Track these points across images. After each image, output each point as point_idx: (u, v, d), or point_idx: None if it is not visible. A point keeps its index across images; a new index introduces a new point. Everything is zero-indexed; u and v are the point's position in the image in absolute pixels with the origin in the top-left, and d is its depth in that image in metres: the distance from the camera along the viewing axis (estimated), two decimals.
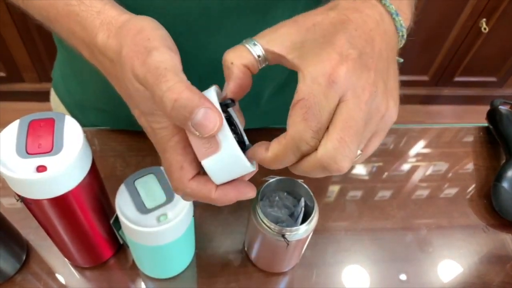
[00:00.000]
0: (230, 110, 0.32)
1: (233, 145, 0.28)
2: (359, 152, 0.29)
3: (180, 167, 0.29)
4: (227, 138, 0.27)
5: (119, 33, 0.29)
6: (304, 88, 0.27)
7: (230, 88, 0.30)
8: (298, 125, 0.27)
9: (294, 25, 0.30)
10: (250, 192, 0.31)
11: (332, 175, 0.29)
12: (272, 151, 0.28)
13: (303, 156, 0.28)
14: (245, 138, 0.32)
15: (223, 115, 0.27)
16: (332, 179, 0.61)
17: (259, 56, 0.30)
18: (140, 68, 0.27)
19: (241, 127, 0.32)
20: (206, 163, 0.28)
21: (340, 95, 0.27)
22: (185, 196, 0.32)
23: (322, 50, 0.27)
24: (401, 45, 0.35)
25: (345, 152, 0.27)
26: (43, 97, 0.78)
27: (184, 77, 0.27)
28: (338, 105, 0.27)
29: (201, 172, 0.31)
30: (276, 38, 0.30)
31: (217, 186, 0.30)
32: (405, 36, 0.35)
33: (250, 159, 0.30)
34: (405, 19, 0.34)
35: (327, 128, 0.27)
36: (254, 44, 0.30)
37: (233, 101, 0.30)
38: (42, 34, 1.46)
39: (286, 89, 0.58)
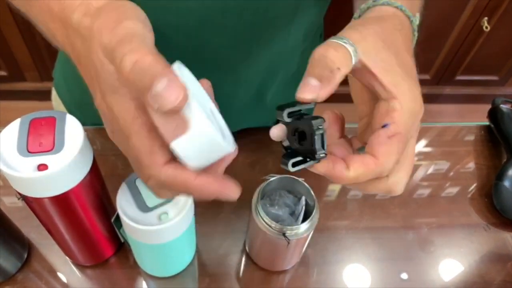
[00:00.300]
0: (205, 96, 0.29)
1: (203, 122, 0.24)
2: None
3: (149, 152, 0.26)
4: (196, 115, 0.24)
5: (96, 12, 0.27)
6: (402, 122, 0.30)
7: (324, 93, 0.28)
8: (392, 157, 0.29)
9: (378, 38, 0.31)
10: (233, 192, 0.27)
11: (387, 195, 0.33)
12: (356, 172, 0.29)
13: (374, 179, 0.31)
14: (219, 120, 0.30)
15: (188, 88, 0.24)
16: None
17: (354, 63, 0.30)
18: (107, 35, 0.25)
19: (214, 107, 0.30)
20: (175, 146, 0.25)
21: (413, 134, 0.32)
22: (158, 188, 0.28)
23: (412, 87, 0.31)
24: (413, 44, 0.37)
25: (407, 179, 0.32)
26: (45, 96, 0.78)
27: (153, 48, 0.25)
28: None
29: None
30: (369, 50, 0.30)
31: (198, 175, 0.26)
32: (416, 35, 0.38)
33: (318, 170, 0.30)
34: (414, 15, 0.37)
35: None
36: (355, 51, 0.29)
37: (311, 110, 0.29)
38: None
39: (292, 87, 0.58)
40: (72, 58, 0.31)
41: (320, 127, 0.28)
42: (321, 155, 0.29)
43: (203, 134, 0.25)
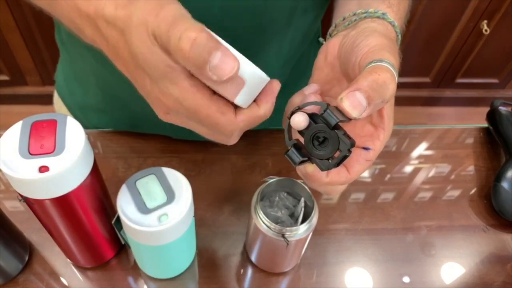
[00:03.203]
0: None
1: (257, 74, 0.29)
2: None
3: (221, 113, 0.29)
4: (246, 68, 0.28)
5: (128, 4, 0.28)
6: (379, 150, 0.34)
7: (367, 112, 0.29)
8: (359, 174, 0.34)
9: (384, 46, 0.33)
10: (275, 86, 0.31)
11: None
12: (331, 179, 0.33)
13: None
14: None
15: (238, 54, 0.27)
16: None
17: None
18: (154, 21, 0.26)
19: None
20: (238, 100, 0.29)
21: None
22: (240, 134, 0.32)
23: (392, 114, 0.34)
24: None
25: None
26: (46, 100, 0.79)
27: (202, 25, 0.27)
28: None
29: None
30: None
31: (257, 103, 0.31)
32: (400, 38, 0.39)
33: (310, 174, 0.34)
34: (400, 26, 0.39)
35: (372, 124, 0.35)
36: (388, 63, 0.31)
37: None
38: (45, 38, 1.47)
39: (286, 91, 0.59)
40: (105, 51, 0.32)
41: (350, 150, 0.30)
42: (340, 163, 0.31)
43: (256, 81, 0.29)
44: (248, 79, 0.28)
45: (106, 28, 0.30)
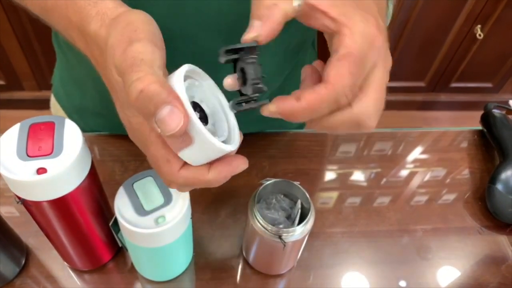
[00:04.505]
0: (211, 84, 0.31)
1: (205, 137, 0.27)
2: None
3: (166, 161, 0.29)
4: (198, 132, 0.27)
5: (111, 24, 0.29)
6: (352, 44, 0.27)
7: (265, 30, 0.28)
8: (344, 78, 0.27)
9: None
10: (242, 164, 0.30)
11: (356, 132, 0.30)
12: (307, 100, 0.27)
13: (336, 110, 0.28)
14: (229, 116, 0.31)
15: (191, 111, 0.26)
16: (329, 184, 0.62)
17: (298, 5, 0.29)
18: (119, 57, 0.27)
19: (220, 97, 0.32)
20: (182, 155, 0.28)
21: (376, 61, 0.29)
22: (180, 187, 0.31)
23: (364, 16, 0.29)
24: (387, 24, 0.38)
25: (378, 109, 0.29)
26: (43, 105, 0.79)
27: (160, 72, 0.27)
28: (371, 69, 0.29)
29: None
30: None
31: (209, 169, 0.29)
32: (387, 24, 0.38)
33: (272, 112, 0.29)
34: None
35: (360, 87, 0.28)
36: None
37: (253, 48, 0.28)
38: (41, 43, 1.47)
39: (283, 93, 0.59)
40: (92, 62, 0.33)
41: (250, 56, 0.28)
42: (257, 86, 0.28)
43: (206, 146, 0.27)
44: (197, 141, 0.27)
45: (91, 43, 0.31)
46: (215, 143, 0.27)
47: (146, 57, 0.27)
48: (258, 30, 0.28)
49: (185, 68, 0.28)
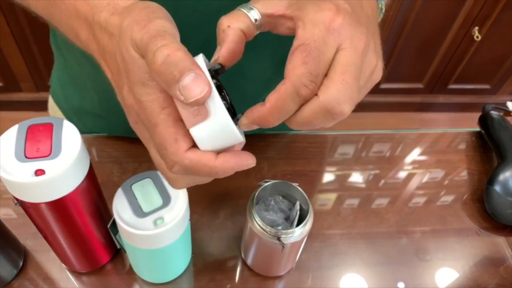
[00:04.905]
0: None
1: (223, 112, 0.27)
2: None
3: (174, 139, 0.28)
4: (217, 105, 0.27)
5: (123, 11, 0.29)
6: (304, 33, 0.27)
7: (223, 52, 0.29)
8: (297, 69, 0.27)
9: None
10: (250, 160, 0.30)
11: (334, 122, 0.29)
12: (270, 101, 0.28)
13: (303, 103, 0.28)
14: (235, 108, 0.31)
15: (212, 83, 0.27)
16: (327, 185, 0.62)
17: (256, 20, 0.30)
18: (139, 32, 0.27)
19: (229, 96, 0.31)
20: (194, 131, 0.28)
21: (339, 43, 0.27)
22: (182, 174, 0.30)
23: (317, 2, 0.28)
24: (380, 19, 0.36)
25: (348, 93, 0.27)
26: (40, 106, 0.79)
27: (182, 45, 0.27)
28: (336, 53, 0.27)
29: None
30: (272, 0, 0.30)
31: (216, 154, 0.28)
32: (383, 10, 0.36)
33: (246, 125, 0.29)
34: None
35: (326, 74, 0.27)
36: (251, 8, 0.30)
37: (223, 67, 0.29)
38: (39, 44, 1.47)
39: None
40: (95, 55, 0.32)
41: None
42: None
43: (221, 123, 0.27)
44: (213, 117, 0.27)
45: (99, 31, 0.31)
46: (230, 121, 0.27)
47: (169, 29, 0.27)
48: (218, 53, 0.29)
49: (201, 55, 0.29)
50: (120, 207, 0.39)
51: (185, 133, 0.28)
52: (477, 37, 1.57)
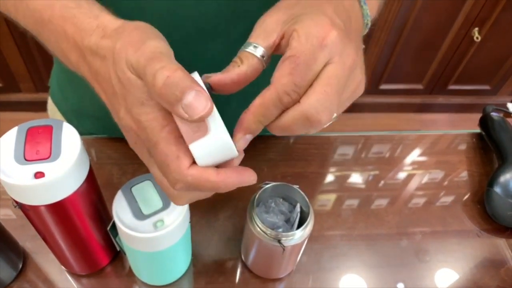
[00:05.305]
0: None
1: (222, 129, 0.28)
2: (334, 115, 0.30)
3: (176, 157, 0.28)
4: (216, 122, 0.27)
5: (114, 34, 0.30)
6: (297, 45, 0.29)
7: (215, 79, 0.30)
8: (283, 78, 0.28)
9: (279, 11, 0.33)
10: (252, 177, 0.30)
11: (312, 130, 0.30)
12: (254, 105, 0.29)
13: (284, 110, 0.29)
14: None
15: (206, 90, 0.27)
16: (328, 187, 0.62)
17: (263, 56, 0.31)
18: (134, 54, 0.27)
19: None
20: (193, 147, 0.28)
21: (328, 58, 0.29)
22: (183, 192, 0.31)
23: (314, 15, 0.30)
24: (364, 33, 0.37)
25: (327, 104, 0.29)
26: (40, 107, 0.79)
27: (179, 64, 0.27)
28: (324, 66, 0.29)
29: None
30: (269, 29, 0.32)
31: (217, 171, 0.29)
32: (369, 25, 0.37)
33: (239, 138, 0.30)
34: (371, 9, 0.37)
35: (311, 84, 0.29)
36: (255, 47, 0.31)
37: (211, 88, 0.30)
38: (39, 45, 1.45)
39: None
40: (87, 77, 0.33)
41: None
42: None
43: (220, 139, 0.28)
44: (212, 133, 0.28)
45: (90, 56, 0.31)
46: (228, 138, 0.28)
47: (164, 50, 0.27)
48: (214, 76, 0.30)
49: (195, 72, 0.29)
50: (120, 210, 0.39)
51: (186, 149, 0.29)
52: (477, 38, 1.57)
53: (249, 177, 0.30)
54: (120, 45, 0.28)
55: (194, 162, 0.29)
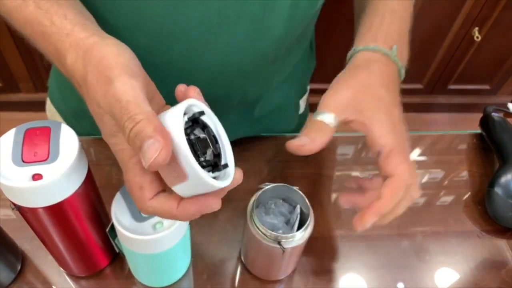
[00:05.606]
0: (215, 119, 0.31)
1: (199, 174, 0.27)
2: None
3: (139, 188, 0.30)
4: (191, 166, 0.27)
5: (84, 57, 0.31)
6: (389, 140, 0.39)
7: (313, 147, 0.39)
8: (403, 165, 0.39)
9: (348, 90, 0.41)
10: (213, 204, 0.30)
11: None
12: (389, 192, 0.39)
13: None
14: (226, 147, 0.32)
15: (184, 141, 0.27)
16: (328, 187, 0.62)
17: (335, 126, 0.39)
18: (103, 99, 0.29)
19: (223, 135, 0.32)
20: (176, 189, 0.29)
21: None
22: (148, 214, 0.32)
23: (383, 111, 0.41)
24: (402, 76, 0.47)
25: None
26: (39, 107, 0.78)
27: (146, 106, 0.28)
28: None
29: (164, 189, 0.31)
30: (343, 107, 0.40)
31: (179, 203, 0.30)
32: (403, 77, 0.47)
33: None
34: (403, 62, 0.46)
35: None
36: (334, 118, 0.39)
37: (202, 113, 0.30)
38: None
39: (277, 91, 0.59)
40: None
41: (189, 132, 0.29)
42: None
43: (200, 182, 0.28)
44: (191, 179, 0.28)
45: (70, 76, 0.33)
46: (208, 180, 0.28)
47: (130, 97, 0.28)
48: (304, 142, 0.39)
49: (185, 104, 0.29)
50: (118, 212, 0.39)
51: (151, 180, 0.30)
52: (477, 37, 1.56)
53: (209, 205, 0.30)
54: (90, 79, 0.30)
55: (161, 191, 0.30)
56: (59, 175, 0.34)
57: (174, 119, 0.28)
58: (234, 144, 0.33)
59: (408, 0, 0.50)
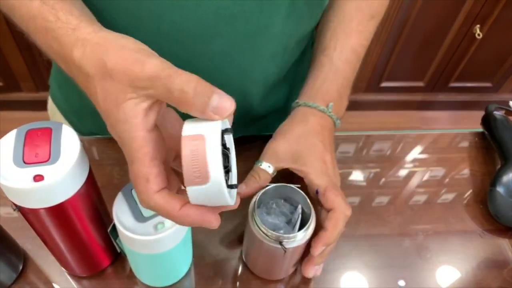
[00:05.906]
0: (231, 137, 0.32)
1: (221, 183, 0.28)
2: None
3: (146, 180, 0.29)
4: (217, 174, 0.27)
5: (96, 49, 0.30)
6: (319, 179, 0.46)
7: (244, 188, 0.46)
8: (338, 198, 0.45)
9: (285, 142, 0.48)
10: (214, 223, 0.31)
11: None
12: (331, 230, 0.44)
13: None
14: (233, 167, 0.32)
15: (219, 147, 0.27)
16: None
17: (272, 173, 0.48)
18: (142, 73, 0.28)
19: (233, 155, 0.32)
20: (190, 190, 0.28)
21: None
22: (149, 209, 0.32)
23: (315, 156, 0.47)
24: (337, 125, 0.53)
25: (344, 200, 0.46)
26: (41, 106, 0.78)
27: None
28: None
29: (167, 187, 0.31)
30: (279, 157, 0.48)
31: (182, 206, 0.30)
32: (338, 126, 0.53)
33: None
34: (339, 114, 0.52)
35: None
36: (269, 166, 0.47)
37: (228, 130, 0.30)
38: None
39: (276, 91, 0.59)
40: (76, 82, 0.33)
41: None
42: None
43: (217, 192, 0.28)
44: (211, 185, 0.28)
45: (74, 69, 0.32)
46: (225, 192, 0.28)
47: (169, 65, 0.28)
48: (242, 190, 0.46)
49: (219, 125, 0.29)
50: (120, 212, 0.39)
51: (158, 173, 0.29)
52: (479, 35, 1.56)
53: (209, 221, 0.30)
54: (113, 65, 0.29)
55: (166, 188, 0.30)
56: (61, 176, 0.34)
57: (213, 124, 0.28)
58: (234, 143, 0.33)
59: (361, 47, 0.54)
